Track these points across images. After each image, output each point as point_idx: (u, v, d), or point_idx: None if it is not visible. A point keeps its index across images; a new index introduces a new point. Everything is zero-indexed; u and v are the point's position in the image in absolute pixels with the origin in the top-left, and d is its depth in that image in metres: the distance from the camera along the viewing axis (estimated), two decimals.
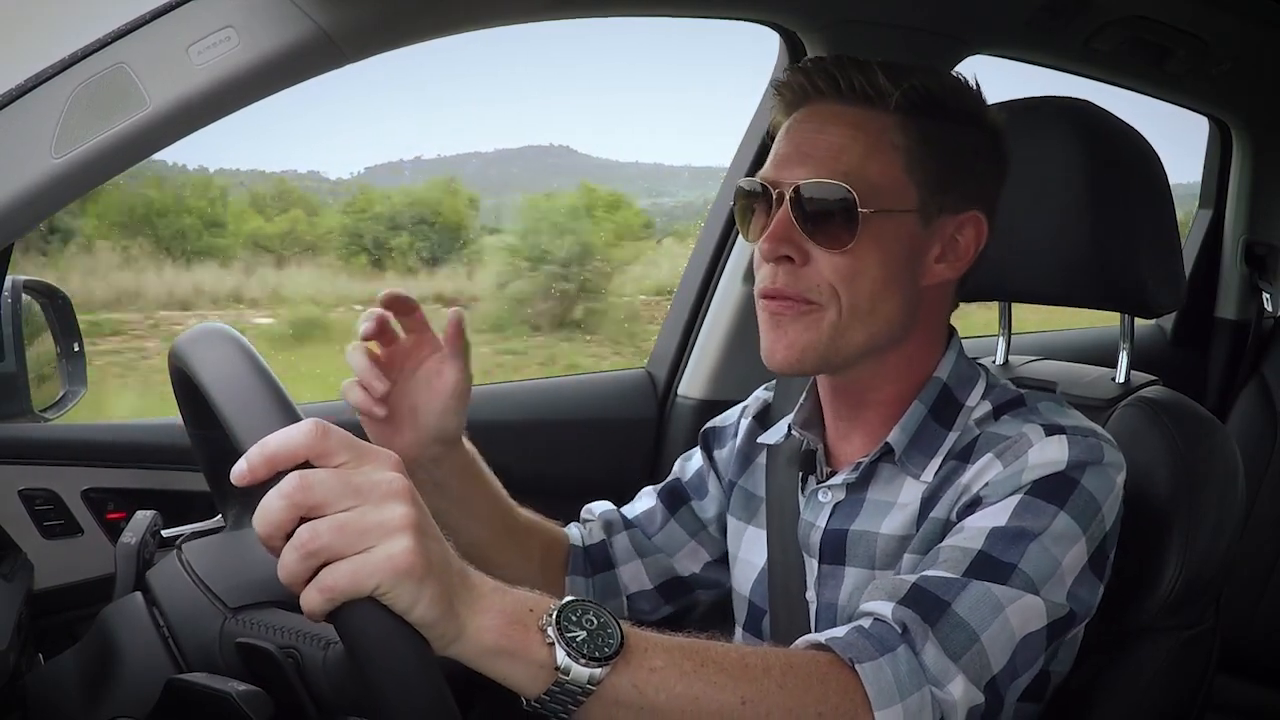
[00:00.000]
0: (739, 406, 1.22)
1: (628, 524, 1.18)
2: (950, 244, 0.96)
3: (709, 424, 1.23)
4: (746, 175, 1.64)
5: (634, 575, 1.17)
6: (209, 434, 0.92)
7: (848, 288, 0.91)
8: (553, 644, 0.66)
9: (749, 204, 0.97)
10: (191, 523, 1.26)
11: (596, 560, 1.16)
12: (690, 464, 1.22)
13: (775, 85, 0.99)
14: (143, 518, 0.97)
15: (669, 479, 1.22)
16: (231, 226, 6.43)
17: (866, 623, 0.82)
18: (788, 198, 0.92)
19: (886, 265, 0.92)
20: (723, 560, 1.18)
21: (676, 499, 1.19)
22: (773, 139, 0.99)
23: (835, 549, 0.99)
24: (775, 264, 0.93)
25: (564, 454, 1.63)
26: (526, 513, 1.12)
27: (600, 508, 1.21)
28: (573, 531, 1.18)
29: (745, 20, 1.56)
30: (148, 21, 0.91)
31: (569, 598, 0.69)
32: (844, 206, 0.90)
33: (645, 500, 1.21)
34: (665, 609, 1.19)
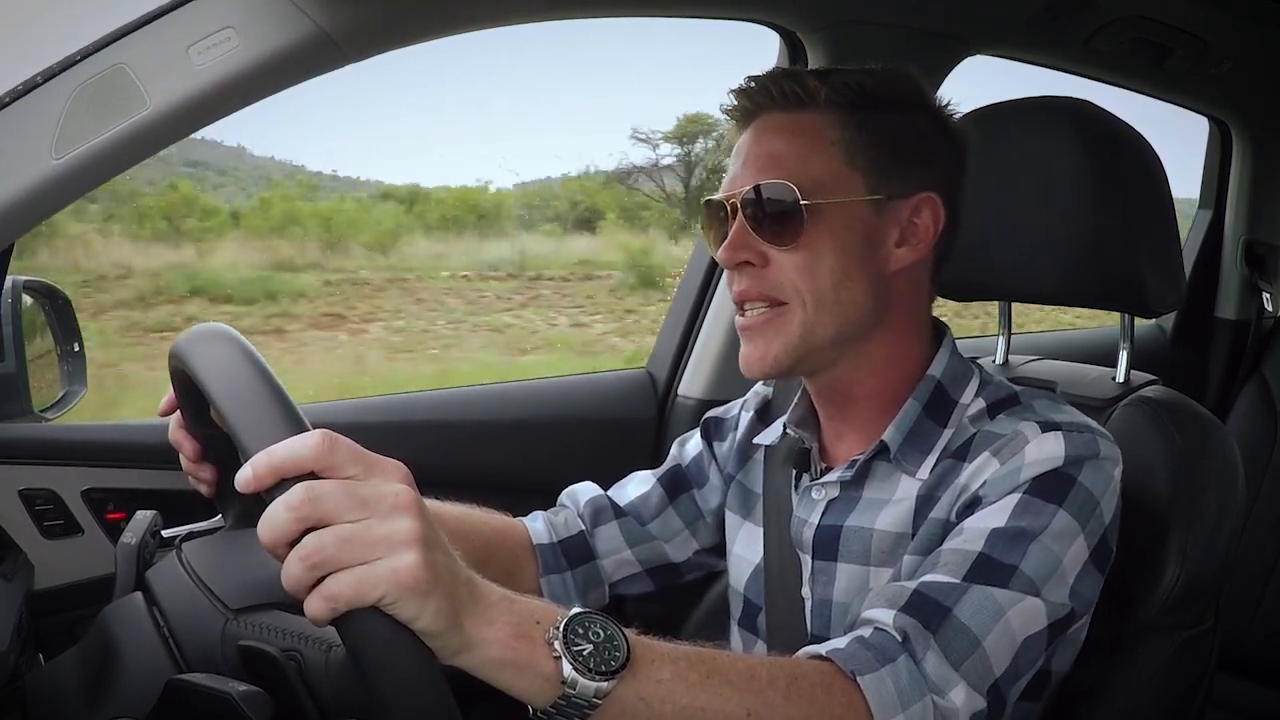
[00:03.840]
0: (739, 400, 1.23)
1: (619, 512, 1.18)
2: (909, 228, 0.97)
3: (710, 413, 1.24)
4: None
5: (620, 564, 1.17)
6: (210, 434, 0.92)
7: (808, 281, 0.94)
8: (559, 657, 0.66)
9: (710, 221, 1.00)
10: (192, 523, 1.26)
11: (573, 554, 1.15)
12: (688, 448, 1.22)
13: (722, 109, 1.01)
14: (143, 518, 0.97)
15: (668, 464, 1.22)
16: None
17: (867, 632, 0.82)
18: (739, 205, 0.95)
19: (842, 254, 0.94)
20: (714, 549, 1.19)
21: (677, 486, 1.19)
22: None
23: (828, 545, 0.99)
24: (739, 271, 0.96)
25: (564, 454, 1.63)
26: (481, 524, 1.09)
27: (586, 494, 1.20)
28: (535, 526, 1.16)
29: (745, 20, 1.56)
30: (148, 22, 0.91)
31: (576, 610, 0.69)
32: (789, 203, 0.93)
33: (639, 485, 1.20)
34: (650, 589, 1.19)
